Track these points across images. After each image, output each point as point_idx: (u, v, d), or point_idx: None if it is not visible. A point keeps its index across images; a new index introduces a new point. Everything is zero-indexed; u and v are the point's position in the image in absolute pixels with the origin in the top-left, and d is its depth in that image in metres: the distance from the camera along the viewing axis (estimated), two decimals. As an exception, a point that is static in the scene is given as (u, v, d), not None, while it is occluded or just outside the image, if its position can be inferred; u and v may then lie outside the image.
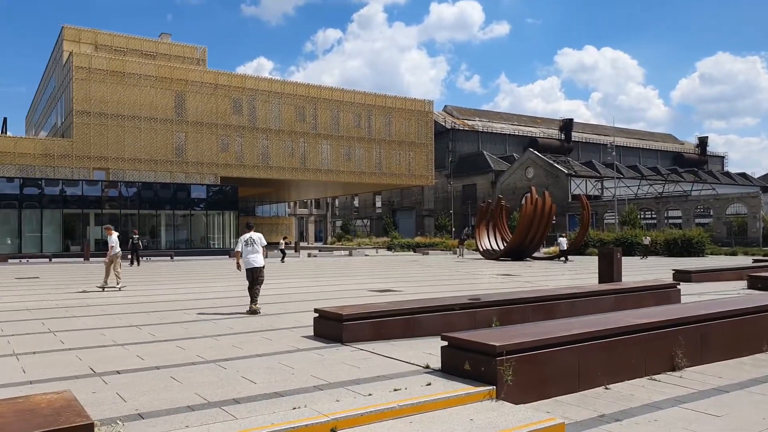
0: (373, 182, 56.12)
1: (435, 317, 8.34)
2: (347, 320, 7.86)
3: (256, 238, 11.49)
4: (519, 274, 22.08)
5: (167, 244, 44.65)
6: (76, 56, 42.13)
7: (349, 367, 6.52)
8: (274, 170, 49.27)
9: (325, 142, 51.77)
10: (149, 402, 5.28)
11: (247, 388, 5.71)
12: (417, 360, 6.78)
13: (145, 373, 6.43)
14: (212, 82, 46.78)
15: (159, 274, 23.24)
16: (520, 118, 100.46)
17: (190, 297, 14.53)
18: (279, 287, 17.17)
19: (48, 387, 5.80)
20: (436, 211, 79.78)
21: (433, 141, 58.56)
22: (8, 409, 3.31)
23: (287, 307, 12.21)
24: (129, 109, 43.30)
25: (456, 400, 5.25)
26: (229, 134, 47.46)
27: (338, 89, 53.49)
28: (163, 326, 9.81)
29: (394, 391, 5.41)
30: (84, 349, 7.84)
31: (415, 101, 57.26)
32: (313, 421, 4.61)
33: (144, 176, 44.16)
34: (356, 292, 15.28)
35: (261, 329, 9.28)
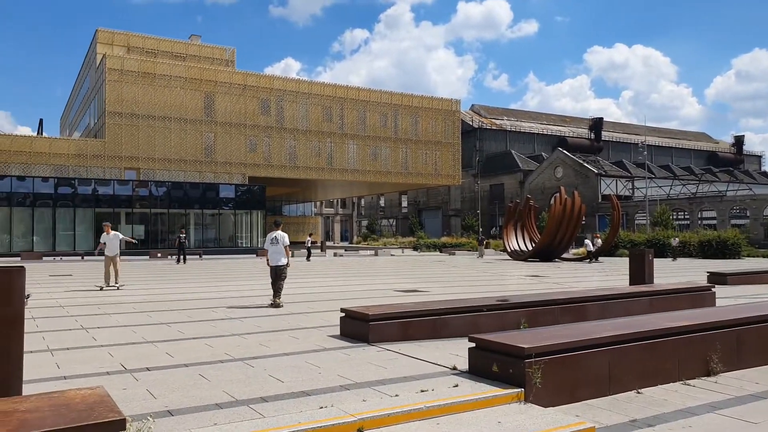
0: (399, 182, 56.05)
1: (462, 318, 8.27)
2: (373, 320, 7.84)
3: (279, 237, 12.14)
4: (547, 276, 21.81)
5: (196, 243, 45.27)
6: (109, 58, 42.96)
7: (375, 368, 6.50)
8: (301, 170, 49.59)
9: (351, 142, 51.90)
10: (178, 399, 5.34)
11: (275, 387, 5.73)
12: (444, 361, 6.74)
13: (174, 371, 6.50)
14: (241, 83, 47.27)
15: (188, 273, 23.55)
16: (548, 117, 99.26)
17: (218, 295, 14.68)
18: (305, 286, 17.26)
19: (81, 382, 5.90)
20: (463, 211, 79.35)
21: (460, 140, 58.20)
22: (44, 404, 3.37)
23: (314, 306, 12.25)
24: (159, 109, 44.00)
25: (483, 402, 5.20)
26: (257, 134, 47.91)
27: (365, 89, 53.59)
28: (191, 324, 9.92)
29: (421, 392, 5.38)
30: (115, 345, 7.97)
31: (442, 100, 57.04)
32: (340, 421, 4.60)
33: (174, 176, 44.84)
34: (382, 292, 15.26)
35: (288, 328, 9.32)
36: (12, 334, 3.90)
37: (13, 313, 3.92)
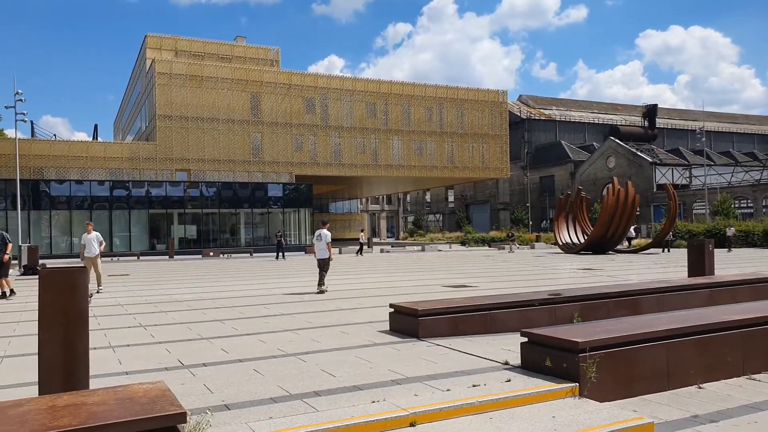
0: (446, 176, 55.66)
1: (513, 313, 8.18)
2: (423, 316, 7.83)
3: (324, 234, 14.44)
4: (601, 268, 21.32)
5: (246, 241, 46.15)
6: (158, 63, 44.18)
7: (426, 362, 6.50)
8: (346, 167, 49.90)
9: (396, 138, 51.89)
10: (234, 393, 5.46)
11: (327, 381, 5.79)
12: (495, 356, 6.67)
13: (229, 366, 6.66)
14: (286, 82, 47.89)
15: (239, 271, 24.04)
16: (599, 105, 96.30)
17: (269, 292, 14.93)
18: (354, 282, 17.37)
19: (142, 377, 6.11)
20: (512, 204, 78.19)
21: (507, 132, 57.29)
22: (110, 397, 3.51)
23: (362, 302, 12.33)
24: (208, 111, 45.02)
25: (537, 397, 5.14)
26: (302, 133, 48.46)
27: (409, 83, 53.44)
28: (244, 320, 10.13)
29: (472, 387, 5.36)
30: (172, 342, 8.21)
31: (488, 92, 56.29)
32: (392, 415, 4.62)
33: (223, 176, 45.82)
34: (430, 287, 15.22)
35: (338, 324, 9.41)
36: (78, 331, 4.07)
37: (78, 311, 4.09)
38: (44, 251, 37.15)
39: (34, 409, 3.33)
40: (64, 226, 41.46)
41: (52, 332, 4.00)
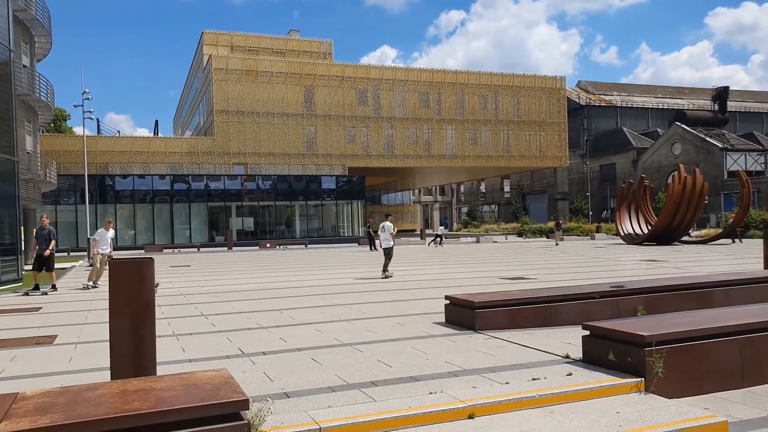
0: (501, 165, 54.77)
1: (573, 306, 7.97)
2: (480, 308, 7.74)
3: (387, 226, 16.43)
4: (666, 260, 20.55)
5: (301, 233, 46.86)
6: (215, 59, 45.23)
7: (483, 355, 6.43)
8: (398, 158, 49.87)
9: (449, 127, 51.43)
10: (293, 382, 5.54)
11: (384, 372, 5.80)
12: (555, 349, 6.53)
13: (287, 355, 6.76)
14: (338, 74, 48.19)
15: (295, 262, 24.42)
16: (664, 89, 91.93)
17: (325, 282, 15.10)
18: (408, 274, 17.36)
19: (204, 365, 6.28)
20: (571, 194, 76.17)
21: (566, 119, 55.88)
22: (176, 383, 3.62)
23: (417, 293, 12.31)
24: (263, 105, 45.83)
25: (600, 392, 5.01)
26: (355, 125, 48.71)
27: (462, 72, 52.78)
28: (301, 310, 10.28)
29: (532, 380, 5.27)
30: (233, 331, 8.41)
31: (546, 78, 54.96)
32: (450, 407, 4.59)
33: (279, 169, 46.61)
34: (486, 279, 15.05)
35: (393, 314, 9.43)
36: (145, 319, 4.21)
37: (145, 301, 4.23)
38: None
39: (107, 393, 3.47)
40: (128, 219, 43.10)
41: (122, 320, 4.15)
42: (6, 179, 17.35)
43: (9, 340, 8.01)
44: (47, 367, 6.45)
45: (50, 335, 8.34)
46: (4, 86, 17.60)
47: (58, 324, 9.40)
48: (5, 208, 17.22)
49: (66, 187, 40.20)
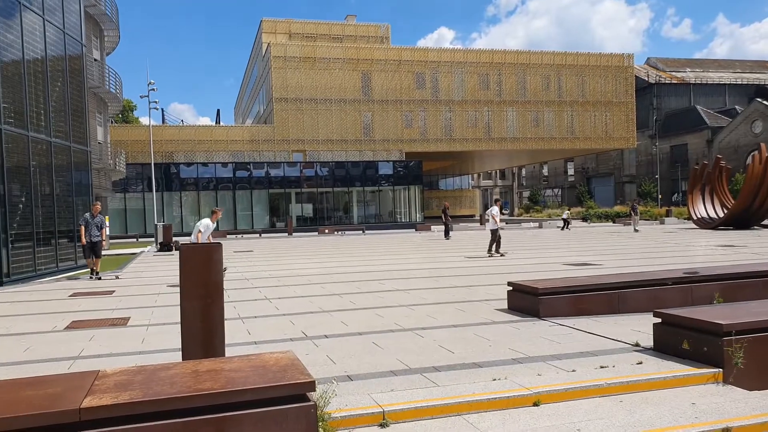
0: (565, 148, 53.04)
1: (643, 293, 7.70)
2: (544, 294, 7.59)
3: (494, 211, 18.15)
4: (744, 245, 19.52)
5: (358, 219, 47.22)
6: (273, 46, 45.84)
7: (548, 342, 6.30)
8: (457, 142, 49.32)
9: (510, 109, 50.36)
10: (356, 365, 5.59)
11: (446, 357, 5.78)
12: (624, 337, 6.34)
13: (349, 338, 6.84)
14: (396, 58, 47.97)
15: (353, 248, 24.63)
16: (743, 64, 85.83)
17: (383, 268, 15.17)
18: (467, 260, 17.22)
19: (270, 347, 6.42)
20: (639, 176, 73.12)
21: (634, 99, 53.37)
22: (245, 365, 3.71)
23: (478, 279, 12.19)
24: (321, 92, 46.21)
25: (673, 382, 4.82)
26: (413, 109, 48.44)
27: (524, 52, 51.40)
28: (361, 295, 10.37)
29: (600, 368, 5.14)
30: (295, 314, 8.56)
31: (612, 56, 52.78)
32: (514, 393, 4.53)
33: (336, 156, 47.00)
34: (550, 265, 14.74)
35: (454, 300, 9.37)
36: (214, 302, 4.32)
37: (214, 284, 4.34)
38: (176, 229, 40.05)
39: (180, 373, 3.59)
40: (192, 205, 44.50)
41: (193, 303, 4.28)
42: (80, 168, 18.18)
43: (87, 322, 8.43)
44: (122, 347, 6.75)
45: (124, 317, 8.72)
46: (77, 79, 18.39)
47: (131, 307, 9.82)
48: (80, 197, 18.06)
49: (134, 176, 41.82)
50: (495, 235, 17.68)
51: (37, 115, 15.67)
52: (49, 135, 16.12)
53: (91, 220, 14.45)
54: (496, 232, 17.74)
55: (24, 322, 8.69)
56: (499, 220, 18.19)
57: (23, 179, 15.06)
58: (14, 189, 14.64)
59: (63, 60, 17.41)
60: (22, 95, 14.98)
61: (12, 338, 7.46)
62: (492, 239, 17.75)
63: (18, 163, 14.88)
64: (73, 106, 17.78)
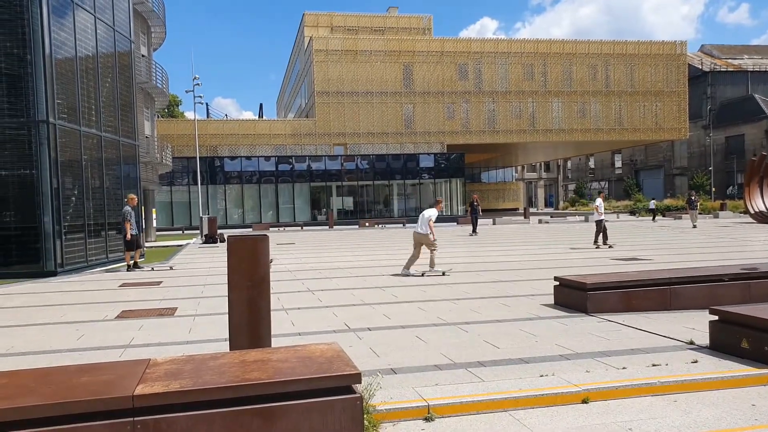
0: (612, 139, 51.66)
1: (697, 289, 7.43)
2: (592, 289, 7.40)
3: (598, 202, 18.55)
4: (806, 241, 18.72)
5: (399, 212, 47.20)
6: (315, 40, 46.10)
7: (597, 338, 6.15)
8: (500, 134, 48.70)
9: (555, 100, 49.41)
10: (399, 358, 5.57)
11: (491, 352, 5.70)
12: (677, 335, 6.14)
13: (392, 331, 6.81)
14: (438, 50, 47.62)
15: (394, 241, 24.61)
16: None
17: (424, 262, 15.07)
18: (512, 254, 17.01)
19: (313, 338, 6.46)
20: (690, 168, 70.60)
21: (686, 88, 51.63)
22: (291, 355, 3.73)
23: (521, 274, 12.01)
24: (362, 85, 46.27)
25: (730, 382, 4.64)
26: (455, 101, 48.06)
27: (570, 41, 50.32)
28: (403, 288, 10.33)
29: (652, 366, 5.00)
30: (338, 306, 8.59)
31: (663, 44, 51.09)
32: (563, 390, 4.43)
33: (377, 149, 47.03)
34: (597, 260, 14.42)
35: (497, 295, 9.25)
36: (261, 293, 4.36)
37: (261, 275, 4.38)
38: (220, 222, 40.86)
39: (228, 362, 3.63)
40: (236, 198, 45.27)
41: (240, 294, 4.32)
42: (129, 162, 18.66)
43: (136, 311, 8.65)
44: (170, 336, 6.90)
45: (171, 307, 8.91)
46: (126, 75, 18.86)
47: (178, 297, 10.04)
48: (128, 189, 18.54)
49: (179, 169, 42.74)
50: (600, 226, 18.13)
51: (88, 110, 16.12)
52: (99, 130, 16.58)
53: (133, 212, 14.71)
54: (600, 223, 18.16)
55: (77, 311, 8.98)
56: (603, 212, 18.47)
57: (75, 173, 15.53)
58: (67, 182, 15.11)
59: (113, 56, 17.87)
60: (74, 91, 15.44)
61: (67, 326, 7.71)
62: (597, 230, 18.21)
63: (70, 157, 15.35)
64: (122, 102, 18.25)
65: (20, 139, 14.50)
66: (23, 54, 14.28)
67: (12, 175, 14.57)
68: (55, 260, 14.36)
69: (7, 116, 14.31)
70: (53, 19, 14.60)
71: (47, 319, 8.28)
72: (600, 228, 18.19)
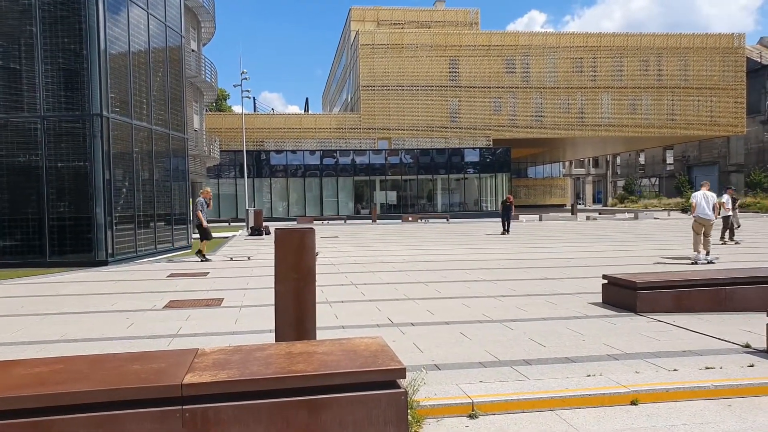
0: (664, 135, 50.09)
1: (755, 290, 7.14)
2: (642, 288, 7.20)
3: (725, 198, 18.03)
4: None
5: (442, 207, 46.98)
6: (362, 34, 46.19)
7: (647, 339, 5.99)
8: (548, 129, 47.88)
9: (605, 94, 48.24)
10: (443, 354, 5.54)
11: (536, 351, 5.62)
12: (732, 337, 5.92)
13: (436, 327, 6.78)
14: (485, 43, 47.06)
15: (437, 236, 24.52)
16: None
17: (469, 257, 14.99)
18: (559, 251, 16.72)
19: (357, 332, 6.49)
20: (747, 165, 67.91)
21: (744, 82, 49.71)
22: (336, 348, 3.74)
23: (569, 272, 11.78)
24: (407, 79, 46.16)
25: (789, 388, 4.43)
26: (501, 95, 47.45)
27: (621, 34, 49.03)
28: (446, 284, 10.28)
29: (705, 369, 4.83)
30: (381, 301, 8.61)
31: (720, 36, 49.30)
32: (610, 391, 4.33)
33: (421, 143, 46.89)
34: (646, 258, 14.04)
35: (544, 293, 9.10)
36: (307, 285, 4.40)
37: (307, 267, 4.42)
38: (265, 215, 41.51)
39: (274, 354, 3.67)
40: (281, 192, 45.88)
41: (287, 286, 4.37)
42: (178, 155, 19.11)
43: (183, 301, 8.87)
44: (217, 326, 7.04)
45: (218, 298, 9.09)
46: (176, 70, 19.30)
47: (224, 288, 10.24)
48: (177, 182, 19.00)
49: (227, 162, 43.57)
50: (727, 222, 18.18)
51: (139, 104, 16.56)
52: (150, 123, 17.02)
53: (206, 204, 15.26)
54: (728, 219, 18.19)
55: (127, 300, 9.26)
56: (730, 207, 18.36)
57: (126, 165, 15.98)
58: (118, 174, 15.54)
59: (164, 51, 18.30)
60: (126, 85, 15.88)
61: (117, 315, 7.96)
62: (724, 226, 18.22)
63: (122, 149, 15.79)
64: (172, 95, 18.67)
65: (75, 132, 14.99)
66: (80, 49, 14.76)
67: (67, 167, 15.08)
68: (106, 250, 14.80)
69: (64, 110, 14.82)
70: (108, 15, 15.03)
71: (99, 307, 8.56)
72: (727, 224, 18.18)
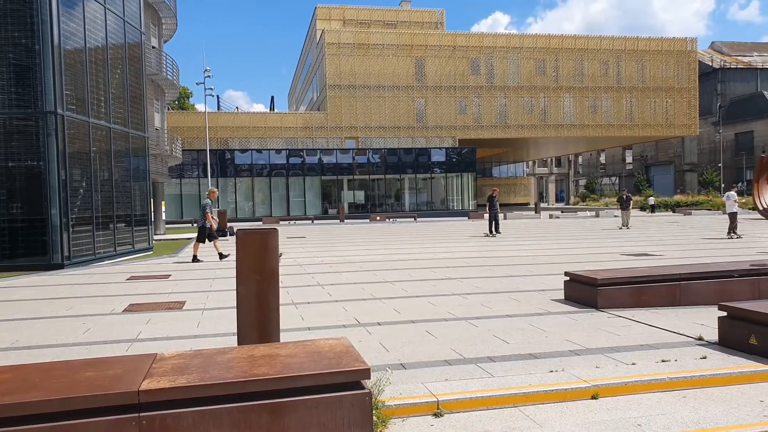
0: (623, 135, 51.60)
1: (707, 285, 7.38)
2: (602, 285, 7.36)
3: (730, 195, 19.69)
4: (814, 238, 18.56)
5: (410, 206, 47.16)
6: (327, 33, 46.03)
7: (607, 334, 6.13)
8: (512, 129, 48.51)
9: (567, 95, 49.17)
10: (409, 353, 5.56)
11: (501, 348, 5.69)
12: (687, 330, 6.10)
13: (402, 326, 6.81)
14: (450, 44, 47.42)
15: (405, 235, 24.61)
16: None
17: (435, 256, 15.08)
18: (523, 249, 16.95)
19: (323, 333, 6.47)
20: (700, 165, 70.37)
21: (697, 84, 51.57)
22: (300, 350, 3.73)
23: (533, 269, 11.96)
24: (374, 79, 46.19)
25: (739, 378, 4.63)
26: (467, 96, 47.88)
27: (582, 36, 50.13)
28: (413, 283, 10.32)
29: (661, 362, 4.98)
30: (348, 301, 8.60)
31: (674, 41, 50.89)
32: (572, 386, 4.42)
33: (388, 143, 47.00)
34: (607, 255, 14.35)
35: (508, 290, 9.22)
36: (270, 287, 4.35)
37: (270, 268, 4.37)
38: (230, 215, 41.03)
39: (236, 357, 3.63)
40: (247, 192, 45.41)
41: (249, 288, 4.32)
42: (138, 154, 18.62)
43: (144, 305, 8.69)
44: (178, 330, 6.93)
45: (179, 301, 8.94)
46: (136, 67, 18.85)
47: (187, 291, 10.07)
48: (137, 182, 18.52)
49: (189, 162, 42.88)
50: (733, 219, 19.17)
51: (97, 101, 16.09)
52: (108, 121, 16.55)
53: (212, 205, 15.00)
54: (735, 216, 19.16)
55: (84, 304, 9.02)
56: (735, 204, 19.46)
57: (84, 165, 15.44)
58: (75, 174, 15.03)
59: (122, 48, 17.84)
60: (83, 82, 15.38)
61: (73, 320, 7.75)
62: (731, 222, 19.17)
63: (79, 148, 15.26)
64: (132, 93, 18.22)
65: (28, 130, 14.41)
66: (31, 44, 14.21)
67: (19, 167, 14.54)
68: (62, 253, 14.27)
69: (15, 107, 14.27)
70: (62, 9, 14.51)
71: (53, 313, 8.30)
72: (733, 219, 19.09)
